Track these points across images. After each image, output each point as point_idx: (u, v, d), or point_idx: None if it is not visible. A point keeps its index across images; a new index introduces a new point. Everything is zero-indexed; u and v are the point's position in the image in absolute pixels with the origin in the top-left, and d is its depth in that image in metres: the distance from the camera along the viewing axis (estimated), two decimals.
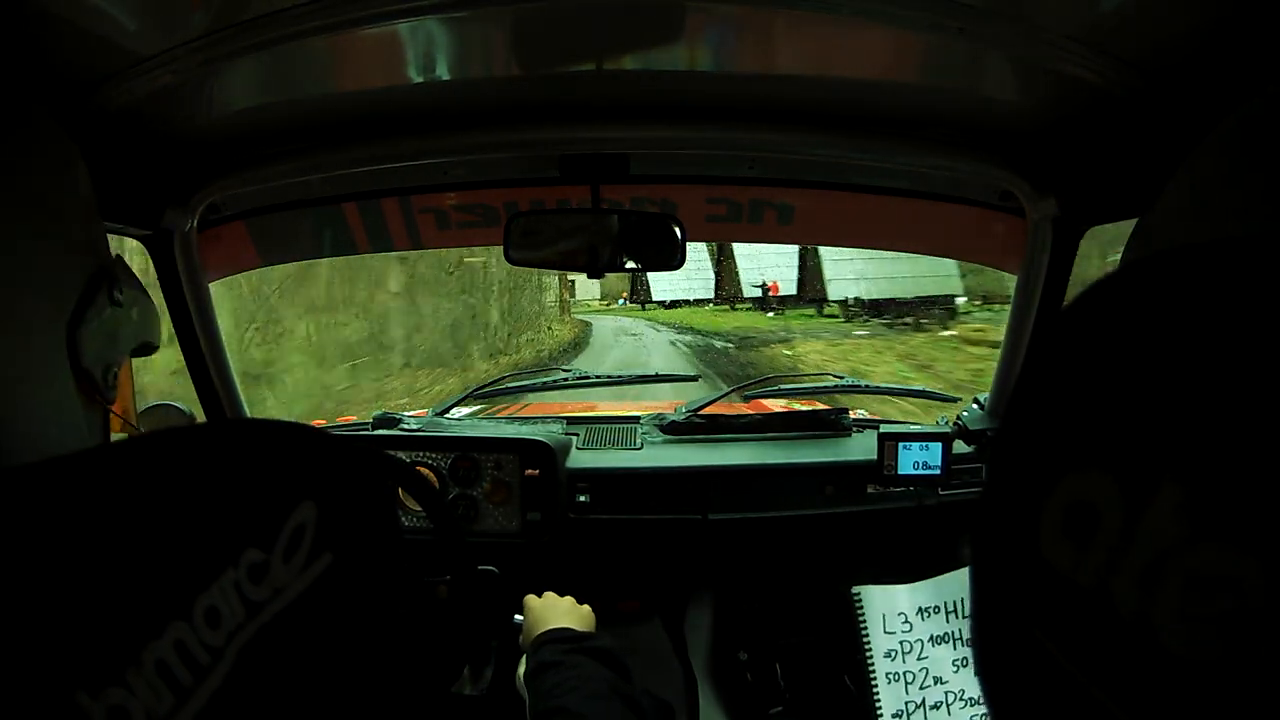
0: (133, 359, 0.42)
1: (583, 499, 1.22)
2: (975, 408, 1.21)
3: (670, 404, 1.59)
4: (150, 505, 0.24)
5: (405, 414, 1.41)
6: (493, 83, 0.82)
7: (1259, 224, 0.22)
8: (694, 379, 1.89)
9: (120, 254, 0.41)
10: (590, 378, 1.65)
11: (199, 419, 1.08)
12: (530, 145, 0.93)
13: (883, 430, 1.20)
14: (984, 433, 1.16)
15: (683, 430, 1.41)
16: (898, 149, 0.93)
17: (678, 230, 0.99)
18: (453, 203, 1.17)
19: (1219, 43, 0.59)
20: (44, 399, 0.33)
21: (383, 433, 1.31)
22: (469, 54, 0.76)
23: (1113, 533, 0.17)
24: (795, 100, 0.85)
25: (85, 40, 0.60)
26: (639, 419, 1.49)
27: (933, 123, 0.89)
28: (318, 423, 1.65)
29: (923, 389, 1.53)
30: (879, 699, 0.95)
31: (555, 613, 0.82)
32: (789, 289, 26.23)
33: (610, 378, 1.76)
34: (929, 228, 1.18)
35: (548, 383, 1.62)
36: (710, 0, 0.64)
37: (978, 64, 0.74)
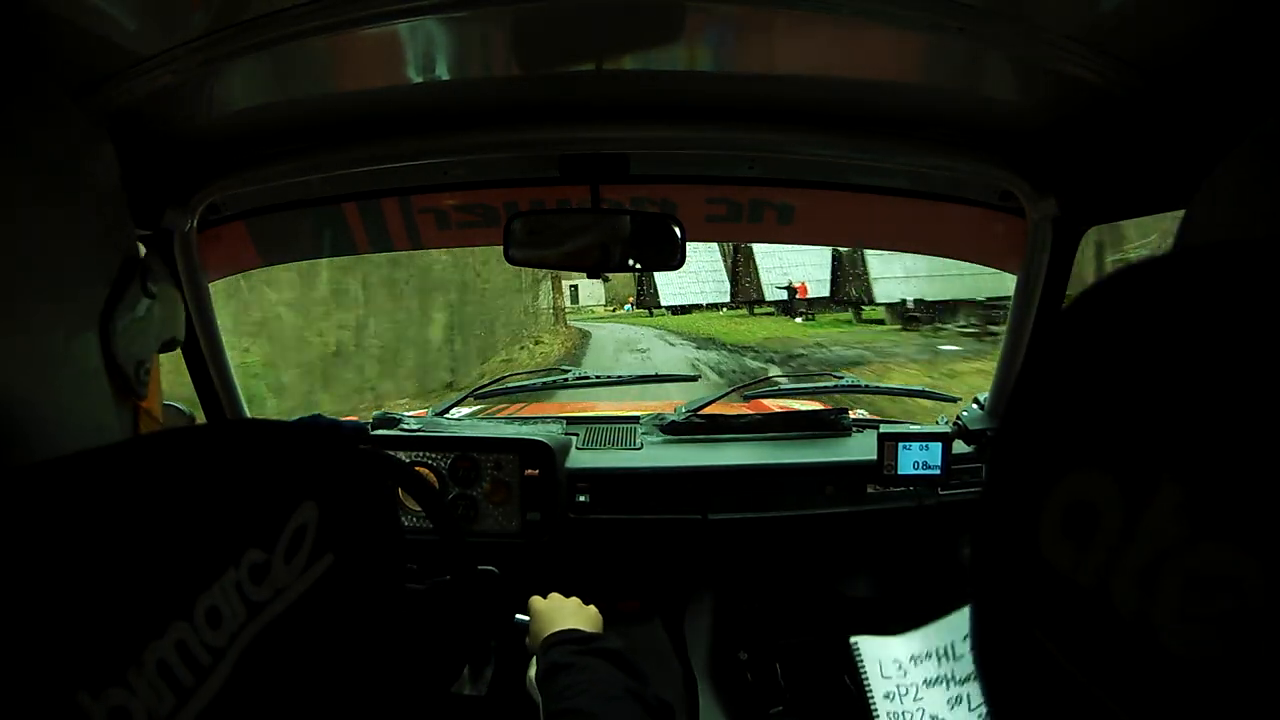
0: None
1: (582, 499, 1.22)
2: (975, 408, 1.21)
3: (670, 404, 1.59)
4: (151, 505, 0.24)
5: (405, 414, 1.42)
6: (493, 83, 0.82)
7: None
8: (694, 379, 1.89)
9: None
10: (590, 378, 1.65)
11: (199, 419, 1.08)
12: (530, 145, 0.93)
13: (883, 430, 1.20)
14: (984, 433, 1.16)
15: (682, 430, 1.41)
16: (898, 149, 0.93)
17: (678, 230, 0.99)
18: (453, 203, 1.17)
19: (1219, 43, 0.59)
20: (71, 394, 0.31)
21: (382, 433, 1.32)
22: (469, 54, 0.75)
23: (1112, 532, 0.17)
24: (795, 100, 0.85)
25: (85, 40, 0.60)
26: (639, 419, 1.49)
27: (933, 123, 0.89)
28: None
29: (923, 389, 1.53)
30: None
31: (563, 614, 0.81)
32: (818, 290, 23.74)
33: (610, 378, 1.76)
34: (929, 228, 1.18)
35: (548, 383, 1.62)
36: (710, 0, 0.64)
37: (978, 64, 0.74)
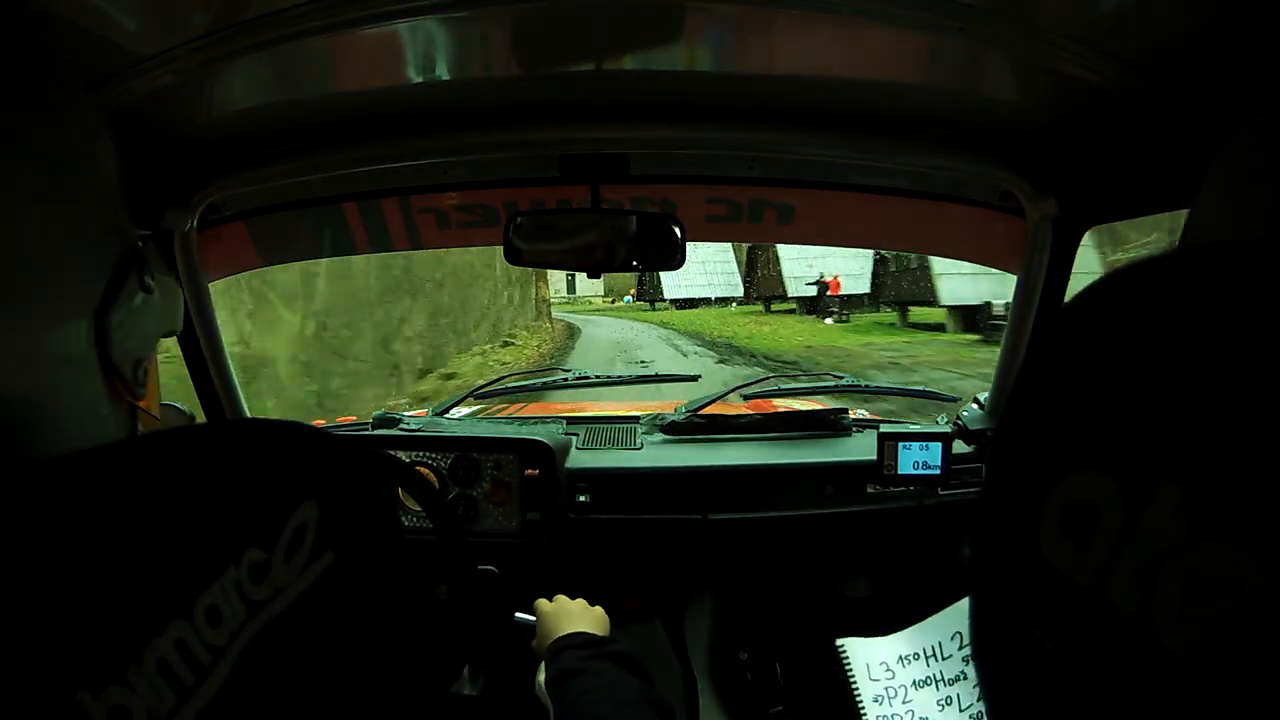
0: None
1: (582, 499, 1.22)
2: (975, 407, 1.21)
3: (670, 404, 1.59)
4: (151, 504, 0.24)
5: (405, 414, 1.42)
6: (493, 83, 0.82)
7: None
8: (694, 379, 1.88)
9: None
10: (590, 378, 1.65)
11: (199, 419, 1.08)
12: (530, 145, 0.93)
13: (883, 430, 1.20)
14: (984, 432, 1.16)
15: (682, 430, 1.41)
16: (898, 149, 0.93)
17: (677, 230, 0.99)
18: (453, 203, 1.17)
19: (1219, 43, 0.59)
20: (69, 393, 0.30)
21: (382, 433, 1.32)
22: (469, 54, 0.75)
23: (1112, 532, 0.17)
24: (795, 100, 0.85)
25: (85, 40, 0.60)
26: (639, 419, 1.49)
27: (933, 123, 0.89)
28: (318, 423, 1.65)
29: (923, 389, 1.53)
30: None
31: (570, 617, 0.80)
32: (854, 287, 19.78)
33: (610, 378, 1.76)
34: (929, 228, 1.18)
35: (548, 383, 1.62)
36: (710, 0, 0.64)
37: (978, 64, 0.74)
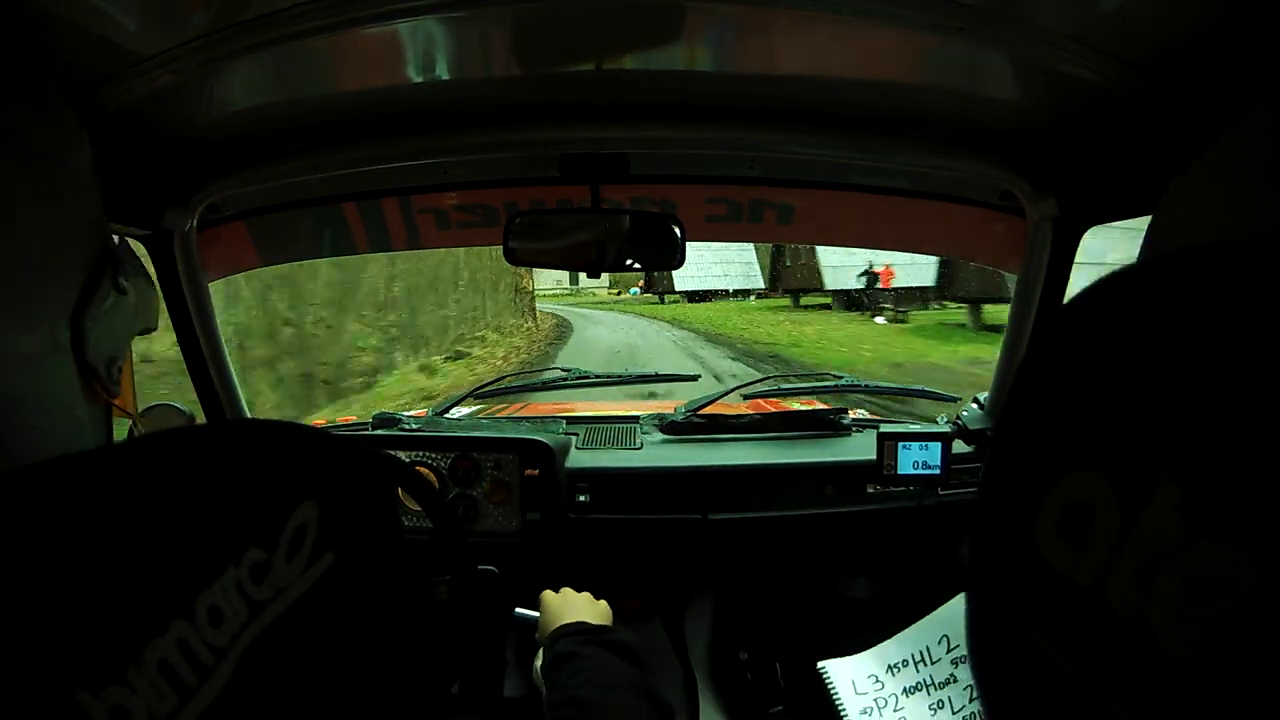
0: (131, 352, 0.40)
1: (582, 499, 1.22)
2: (975, 407, 1.21)
3: (670, 404, 1.59)
4: (152, 505, 0.24)
5: (405, 414, 1.41)
6: (493, 83, 0.82)
7: (1266, 226, 0.22)
8: (694, 378, 1.88)
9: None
10: (590, 377, 1.65)
11: (199, 419, 1.08)
12: (530, 145, 0.93)
13: (882, 430, 1.20)
14: (983, 432, 1.16)
15: (682, 430, 1.41)
16: (898, 149, 0.93)
17: (677, 230, 1.00)
18: (453, 203, 1.17)
19: (1219, 43, 0.59)
20: (46, 392, 0.31)
21: (382, 433, 1.32)
22: (469, 54, 0.75)
23: (1110, 532, 0.17)
24: (795, 100, 0.85)
25: (85, 40, 0.60)
26: (639, 419, 1.49)
27: (933, 123, 0.89)
28: (318, 422, 1.65)
29: (922, 389, 1.53)
30: None
31: (572, 607, 0.83)
32: (910, 278, 15.66)
33: (610, 377, 1.76)
34: (929, 228, 1.18)
35: (548, 382, 1.62)
36: (710, 0, 0.64)
37: (978, 64, 0.74)
